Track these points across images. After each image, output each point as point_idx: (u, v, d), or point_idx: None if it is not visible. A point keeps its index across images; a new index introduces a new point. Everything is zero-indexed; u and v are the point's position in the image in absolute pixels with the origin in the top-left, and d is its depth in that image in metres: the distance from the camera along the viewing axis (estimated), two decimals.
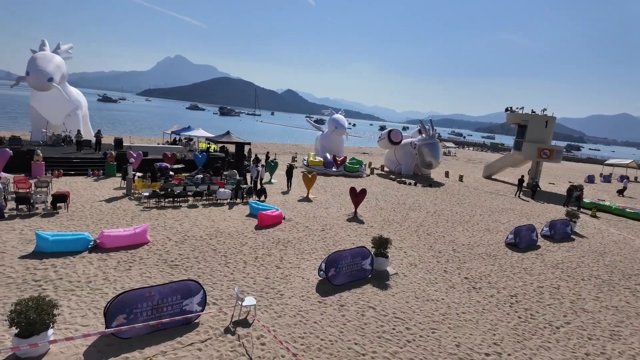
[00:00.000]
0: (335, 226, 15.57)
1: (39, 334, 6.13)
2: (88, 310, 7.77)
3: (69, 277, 9.09)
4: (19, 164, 19.04)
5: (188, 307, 7.59)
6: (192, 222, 14.28)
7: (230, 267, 10.65)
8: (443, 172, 35.93)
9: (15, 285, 8.48)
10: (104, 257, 10.43)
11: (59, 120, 26.40)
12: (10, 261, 9.57)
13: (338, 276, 10.21)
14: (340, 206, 19.03)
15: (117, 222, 13.35)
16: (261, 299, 8.97)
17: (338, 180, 27.03)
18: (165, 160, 23.06)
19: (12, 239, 10.91)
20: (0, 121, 50.71)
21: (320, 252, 12.48)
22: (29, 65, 23.21)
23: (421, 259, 12.82)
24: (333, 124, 33.65)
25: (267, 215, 14.83)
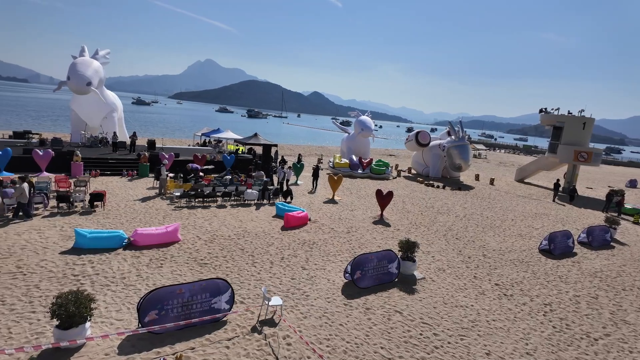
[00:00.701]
0: (361, 228, 15.48)
1: (78, 327, 6.43)
2: (122, 305, 8.09)
3: (104, 272, 9.50)
4: (59, 164, 20.09)
5: (216, 305, 7.75)
6: (221, 221, 14.58)
7: (257, 266, 10.80)
8: (473, 175, 35.01)
9: (56, 279, 8.94)
10: (137, 254, 10.82)
11: (97, 122, 27.66)
12: (52, 256, 10.11)
13: (364, 279, 10.14)
14: (366, 208, 18.90)
15: (149, 221, 13.83)
16: (287, 299, 9.04)
17: (364, 182, 26.87)
18: (196, 161, 23.68)
19: (54, 235, 11.52)
20: (43, 123, 53.72)
21: (346, 254, 12.44)
22: (70, 70, 24.45)
23: (450, 264, 12.53)
24: (359, 125, 33.51)
25: (293, 216, 14.94)
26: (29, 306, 7.70)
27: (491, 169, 46.08)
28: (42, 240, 11.05)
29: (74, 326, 6.39)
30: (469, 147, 31.53)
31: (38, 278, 8.88)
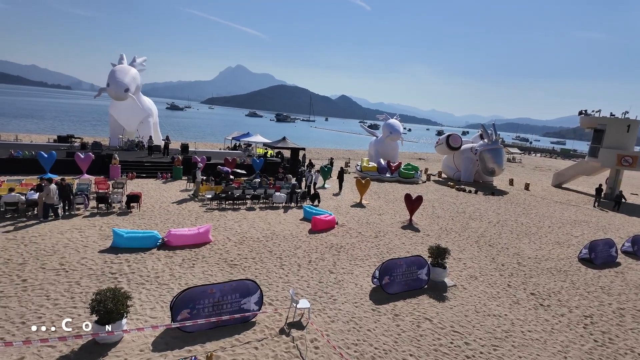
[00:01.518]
0: (389, 233, 15.29)
1: (115, 323, 6.71)
2: (156, 303, 8.37)
3: (140, 271, 9.88)
4: (99, 167, 21.12)
5: (246, 305, 7.87)
6: (250, 224, 14.82)
7: (285, 269, 10.88)
8: (507, 179, 33.81)
9: (95, 276, 9.38)
10: (171, 254, 11.18)
11: (133, 127, 28.87)
12: (92, 254, 10.62)
13: (392, 285, 9.99)
14: (395, 213, 18.65)
15: (182, 222, 14.27)
16: (315, 302, 9.05)
17: (392, 186, 26.55)
18: (227, 164, 24.23)
19: (93, 235, 12.11)
20: (84, 128, 56.72)
21: (374, 259, 12.31)
22: (109, 77, 25.65)
23: (482, 272, 12.13)
24: (388, 129, 33.19)
25: (320, 219, 14.97)
26: (70, 302, 8.12)
27: (526, 173, 44.34)
28: (83, 239, 11.64)
29: (111, 322, 6.67)
30: (503, 151, 30.51)
31: (79, 275, 9.35)
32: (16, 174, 18.86)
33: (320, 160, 38.13)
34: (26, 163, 20.21)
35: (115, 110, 27.81)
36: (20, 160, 20.35)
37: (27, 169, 19.76)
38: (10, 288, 8.45)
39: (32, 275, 9.13)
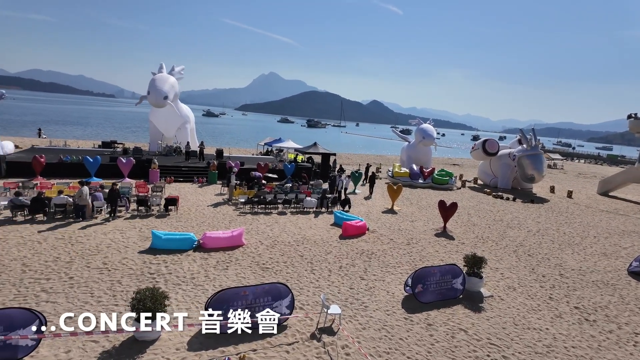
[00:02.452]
0: (422, 240, 14.96)
1: (153, 321, 6.96)
2: (192, 303, 8.62)
3: (176, 272, 10.22)
4: (139, 171, 22.12)
5: (277, 309, 7.95)
6: (281, 228, 14.99)
7: (315, 274, 10.90)
8: (547, 186, 32.26)
9: (135, 276, 9.81)
10: (205, 256, 11.50)
11: (172, 133, 30.06)
12: (132, 255, 11.11)
13: (425, 293, 9.76)
14: (428, 220, 18.25)
15: (217, 225, 14.65)
16: (345, 308, 8.99)
17: (425, 192, 26.02)
18: (259, 169, 24.69)
19: (133, 236, 12.67)
20: (125, 134, 59.65)
21: (406, 266, 12.09)
22: (150, 85, 26.89)
23: (521, 282, 11.60)
24: (421, 134, 32.64)
25: (351, 225, 14.90)
26: (112, 299, 8.53)
27: (569, 180, 42.12)
28: (124, 240, 12.21)
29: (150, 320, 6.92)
30: (543, 157, 29.16)
31: (120, 274, 9.81)
32: (65, 178, 20.09)
33: (350, 165, 38.04)
34: (74, 167, 21.51)
35: (155, 117, 29.08)
36: (68, 165, 21.69)
37: (75, 172, 21.01)
38: (59, 284, 8.98)
39: (78, 273, 9.67)
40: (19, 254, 10.46)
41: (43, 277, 9.26)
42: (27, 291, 8.57)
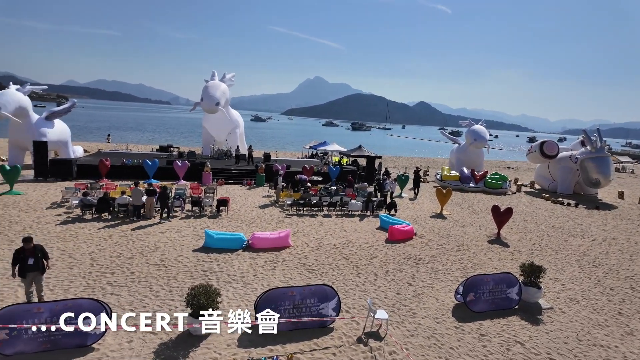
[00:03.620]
0: (474, 247, 14.33)
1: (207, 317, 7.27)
2: (241, 301, 8.91)
3: (227, 270, 10.62)
4: (193, 174, 23.28)
5: (324, 311, 7.98)
6: (327, 230, 15.05)
7: (361, 277, 10.81)
8: (615, 192, 29.57)
9: (189, 273, 10.32)
10: (254, 256, 11.84)
11: (223, 137, 31.38)
12: (187, 253, 11.71)
13: (478, 302, 9.32)
14: (480, 225, 17.44)
15: (264, 226, 15.04)
16: (393, 314, 8.82)
17: (476, 197, 24.90)
18: (304, 172, 25.02)
19: (188, 235, 13.35)
20: (180, 139, 63.11)
21: (457, 273, 11.63)
22: (203, 92, 28.25)
23: (585, 295, 10.72)
24: (471, 135, 31.33)
25: (397, 229, 14.62)
26: (169, 295, 9.03)
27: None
28: (180, 239, 12.90)
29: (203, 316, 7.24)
30: (610, 160, 26.79)
31: (176, 271, 10.37)
32: (127, 179, 21.63)
33: (396, 168, 37.39)
34: (134, 170, 23.12)
35: (208, 123, 30.51)
36: (129, 167, 23.36)
37: (135, 174, 22.57)
38: (122, 279, 9.68)
39: (138, 268, 10.36)
40: (87, 249, 11.42)
41: (108, 271, 10.03)
42: (95, 283, 9.32)
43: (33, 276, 7.82)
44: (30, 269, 7.73)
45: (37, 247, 7.92)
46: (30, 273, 7.76)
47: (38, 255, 7.82)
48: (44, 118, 24.03)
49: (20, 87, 23.71)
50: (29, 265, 7.70)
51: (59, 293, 8.72)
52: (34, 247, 7.81)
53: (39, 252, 7.87)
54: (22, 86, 24.08)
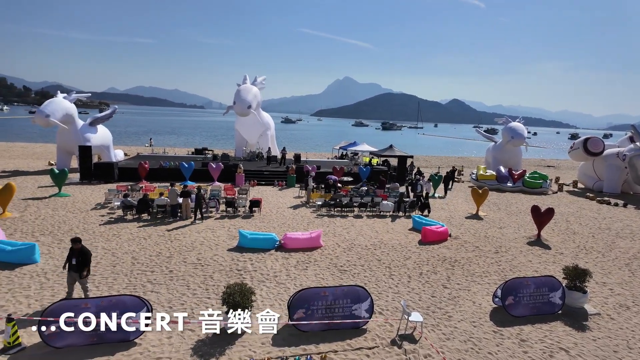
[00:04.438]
0: (512, 249, 13.77)
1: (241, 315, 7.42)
2: (275, 300, 9.03)
3: (261, 270, 10.79)
4: (227, 175, 23.86)
5: (356, 312, 7.94)
6: (358, 231, 14.96)
7: (394, 279, 10.66)
8: None
9: (224, 271, 10.58)
10: (286, 255, 11.96)
11: (254, 139, 31.95)
12: (222, 252, 12.01)
13: (518, 306, 8.94)
14: (518, 227, 16.75)
15: (296, 227, 15.17)
16: (427, 317, 8.63)
17: (515, 197, 23.93)
18: (335, 173, 25.01)
19: (223, 235, 13.69)
20: (213, 142, 64.85)
21: (494, 276, 11.22)
22: (235, 96, 28.89)
23: (637, 301, 10.03)
24: (509, 133, 30.16)
25: (431, 230, 14.30)
26: (205, 292, 9.29)
27: None
28: (215, 238, 13.26)
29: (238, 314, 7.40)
30: None
31: (212, 270, 10.66)
32: (165, 181, 22.47)
33: (429, 168, 36.61)
34: (172, 172, 23.99)
35: (240, 125, 31.17)
36: (167, 170, 24.26)
37: (173, 177, 23.40)
38: (161, 277, 10.06)
39: (176, 267, 10.73)
40: (129, 248, 11.96)
41: (148, 270, 10.46)
42: (136, 281, 9.75)
43: (75, 276, 8.20)
44: (72, 268, 8.15)
45: (81, 251, 8.20)
46: (71, 272, 8.18)
47: (79, 258, 8.14)
48: (88, 124, 25.43)
49: (66, 95, 25.23)
50: (72, 265, 8.14)
51: (104, 290, 9.19)
52: (79, 249, 8.17)
53: (80, 255, 8.15)
54: (68, 94, 25.61)
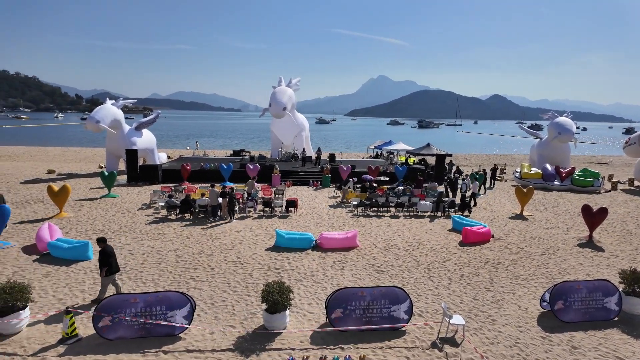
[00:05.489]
0: (561, 251, 13.01)
1: (280, 313, 7.56)
2: (312, 299, 9.08)
3: (298, 269, 10.91)
4: (264, 176, 24.32)
5: (395, 313, 7.81)
6: (395, 231, 14.74)
7: (434, 281, 10.40)
8: None
9: (263, 270, 10.79)
10: (323, 255, 12.01)
11: (289, 140, 32.33)
12: (260, 251, 12.26)
13: (568, 311, 8.43)
14: (567, 227, 15.81)
15: (332, 226, 15.18)
16: (469, 320, 8.34)
17: (562, 196, 22.62)
18: (370, 173, 24.80)
19: (261, 234, 13.97)
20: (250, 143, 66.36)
21: (541, 279, 10.66)
22: (271, 98, 29.35)
23: None
24: (555, 129, 28.52)
25: (472, 231, 13.81)
26: (245, 290, 9.53)
27: None
28: (253, 237, 13.56)
29: (277, 312, 7.53)
30: None
31: (251, 268, 10.91)
32: (205, 182, 23.29)
33: (469, 167, 35.42)
34: (212, 173, 24.80)
35: (275, 127, 31.67)
36: (207, 171, 25.11)
37: (213, 178, 24.20)
38: (203, 274, 10.42)
39: (217, 265, 11.08)
40: (173, 247, 12.49)
41: (191, 267, 10.87)
42: (180, 278, 10.16)
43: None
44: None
45: (101, 251, 8.55)
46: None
47: (99, 257, 8.54)
48: (134, 128, 26.84)
49: (114, 102, 26.77)
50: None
51: (150, 286, 9.65)
52: (102, 249, 8.53)
53: (100, 255, 8.54)
54: (115, 101, 27.16)
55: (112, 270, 8.62)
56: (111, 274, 8.62)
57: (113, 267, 8.63)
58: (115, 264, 8.72)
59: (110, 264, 8.55)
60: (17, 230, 13.71)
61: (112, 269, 8.60)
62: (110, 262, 8.55)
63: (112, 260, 8.61)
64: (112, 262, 8.61)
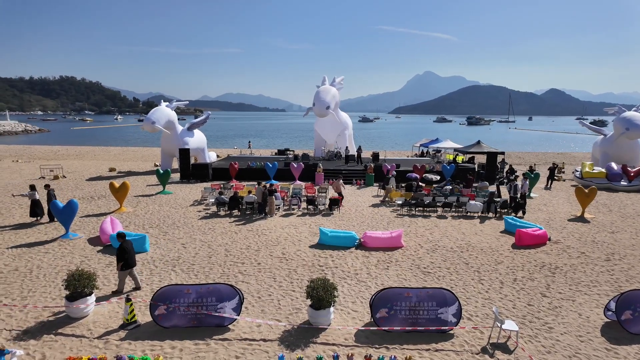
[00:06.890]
0: (629, 256, 11.93)
1: (325, 309, 7.61)
2: (356, 298, 9.05)
3: (341, 267, 10.92)
4: (307, 174, 24.59)
5: (443, 315, 7.57)
6: (442, 232, 14.29)
7: (484, 284, 9.96)
8: None
9: (307, 266, 10.92)
10: (366, 254, 11.92)
11: (333, 139, 32.39)
12: (304, 248, 12.43)
13: (637, 322, 7.70)
14: (636, 232, 14.47)
15: (375, 225, 15.03)
16: (523, 326, 7.89)
17: (630, 197, 20.71)
18: (415, 171, 24.22)
19: (304, 232, 14.14)
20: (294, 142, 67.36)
21: (605, 286, 9.84)
22: (315, 97, 29.60)
23: None
24: (623, 124, 26.13)
25: (527, 233, 13.03)
26: (290, 285, 9.70)
27: None
28: (297, 235, 13.76)
29: (322, 308, 7.59)
30: None
31: (295, 264, 11.08)
32: (252, 180, 23.98)
33: (523, 165, 33.48)
34: (258, 172, 25.50)
35: (319, 126, 31.88)
36: (254, 170, 25.85)
37: (259, 176, 24.87)
38: (250, 269, 10.75)
39: (263, 260, 11.38)
40: (222, 241, 13.00)
41: (239, 261, 11.26)
42: (229, 271, 10.56)
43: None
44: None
45: (119, 246, 8.95)
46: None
47: (118, 253, 8.92)
48: (186, 129, 28.24)
49: (168, 104, 28.32)
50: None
51: (202, 278, 10.12)
52: (120, 244, 8.93)
53: (118, 250, 8.90)
54: (169, 103, 28.73)
55: (128, 265, 9.00)
56: (127, 268, 9.02)
57: (129, 262, 8.99)
58: (131, 260, 9.02)
59: (126, 259, 8.90)
60: (84, 223, 14.96)
61: (127, 264, 8.96)
62: (126, 257, 8.89)
63: (128, 257, 8.94)
64: (128, 257, 8.94)
